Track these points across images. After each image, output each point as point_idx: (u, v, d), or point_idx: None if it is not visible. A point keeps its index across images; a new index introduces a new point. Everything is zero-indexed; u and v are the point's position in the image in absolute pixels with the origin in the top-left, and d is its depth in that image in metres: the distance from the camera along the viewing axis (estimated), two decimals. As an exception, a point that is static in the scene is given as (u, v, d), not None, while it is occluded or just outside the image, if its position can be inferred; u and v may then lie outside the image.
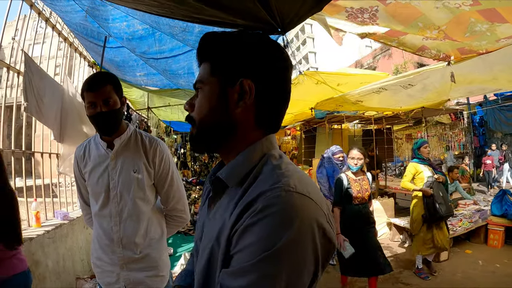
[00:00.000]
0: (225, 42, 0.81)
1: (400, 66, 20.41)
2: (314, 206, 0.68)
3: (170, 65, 4.27)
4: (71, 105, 3.77)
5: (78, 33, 3.61)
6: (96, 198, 1.82)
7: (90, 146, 1.88)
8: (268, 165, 0.76)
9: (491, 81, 4.21)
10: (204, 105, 0.81)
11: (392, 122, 10.36)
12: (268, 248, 0.60)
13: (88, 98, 1.70)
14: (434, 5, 2.49)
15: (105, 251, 1.81)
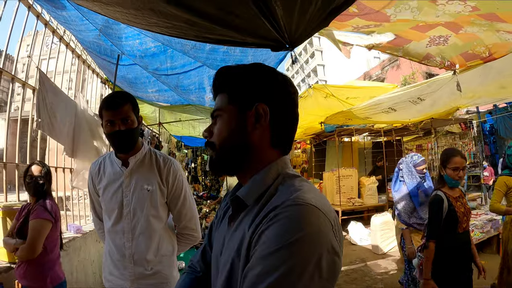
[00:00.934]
0: (239, 73, 0.90)
1: (408, 77, 20.35)
2: (323, 217, 0.72)
3: (181, 81, 4.35)
4: (83, 120, 3.86)
5: (91, 51, 3.72)
6: (110, 214, 1.84)
7: (105, 163, 1.91)
8: (284, 184, 0.82)
9: (498, 91, 4.19)
10: (224, 129, 0.88)
11: (401, 134, 10.29)
12: (279, 243, 0.66)
13: (107, 116, 1.73)
14: (435, 15, 2.55)
15: (117, 266, 1.82)
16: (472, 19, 2.66)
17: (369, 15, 2.52)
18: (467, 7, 2.39)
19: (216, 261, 0.92)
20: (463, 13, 2.53)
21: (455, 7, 2.43)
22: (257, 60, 3.63)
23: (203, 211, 6.88)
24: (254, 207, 0.81)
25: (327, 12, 1.73)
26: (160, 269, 1.86)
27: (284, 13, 1.75)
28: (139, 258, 1.81)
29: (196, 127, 8.50)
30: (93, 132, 4.09)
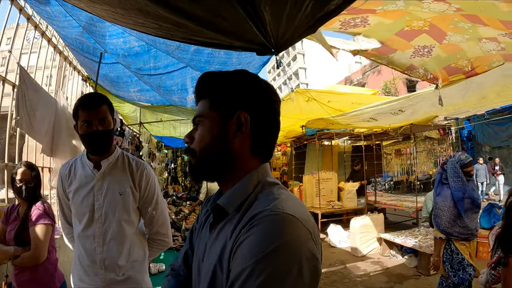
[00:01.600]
0: (222, 80, 0.91)
1: (389, 82, 20.82)
2: (301, 225, 0.73)
3: (164, 81, 4.32)
4: (63, 118, 3.77)
5: (74, 48, 3.64)
6: (80, 218, 1.80)
7: (76, 165, 1.87)
8: (263, 192, 0.84)
9: (479, 102, 4.35)
10: (206, 136, 0.89)
11: (381, 139, 10.52)
12: (257, 254, 0.67)
13: (84, 116, 1.71)
14: (420, 9, 2.64)
15: (87, 272, 1.78)
16: (456, 19, 2.74)
17: (356, 11, 2.58)
18: (452, 7, 2.49)
19: (197, 266, 0.94)
20: (447, 12, 2.63)
21: (440, 6, 2.52)
22: (242, 62, 3.65)
23: (183, 213, 6.83)
24: (235, 215, 0.83)
25: (315, 18, 1.76)
26: (131, 275, 1.84)
27: (272, 18, 1.78)
28: (111, 263, 1.78)
29: (177, 128, 8.43)
30: (71, 131, 4.00)
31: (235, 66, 3.71)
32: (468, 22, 2.78)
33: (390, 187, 15.41)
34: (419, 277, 4.99)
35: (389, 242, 6.28)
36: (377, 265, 5.74)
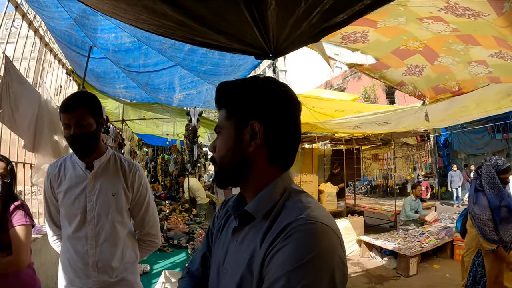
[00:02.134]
0: (237, 89, 0.92)
1: (369, 88, 21.22)
2: (333, 233, 0.77)
3: (152, 79, 4.27)
4: (46, 112, 3.64)
5: (61, 41, 3.54)
6: (70, 220, 1.75)
7: (66, 165, 1.82)
8: (290, 199, 0.86)
9: (461, 112, 4.53)
10: (223, 146, 0.91)
11: (361, 143, 10.74)
12: (296, 262, 0.70)
13: (63, 119, 1.68)
14: (418, 27, 2.74)
15: (79, 275, 1.74)
16: (451, 41, 2.85)
17: (359, 22, 2.64)
18: (449, 27, 2.59)
19: (217, 268, 0.94)
20: (444, 33, 2.73)
21: (437, 27, 2.62)
22: (234, 64, 3.65)
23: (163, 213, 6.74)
24: (263, 222, 0.84)
25: (320, 29, 1.78)
26: (125, 276, 1.82)
27: (276, 24, 1.78)
28: (104, 265, 1.75)
29: (160, 126, 8.32)
30: (54, 126, 3.87)
31: (227, 67, 3.70)
32: (461, 43, 2.90)
33: (367, 190, 15.77)
34: (398, 278, 5.14)
35: (368, 244, 6.41)
36: (357, 267, 5.86)
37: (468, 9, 2.08)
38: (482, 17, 2.13)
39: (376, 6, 1.54)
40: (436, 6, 2.20)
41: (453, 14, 2.27)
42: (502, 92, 3.74)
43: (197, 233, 5.17)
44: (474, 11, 2.10)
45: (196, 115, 5.76)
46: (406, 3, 2.23)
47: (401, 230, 6.57)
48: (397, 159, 10.64)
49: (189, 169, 6.43)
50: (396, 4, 2.27)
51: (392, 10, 2.39)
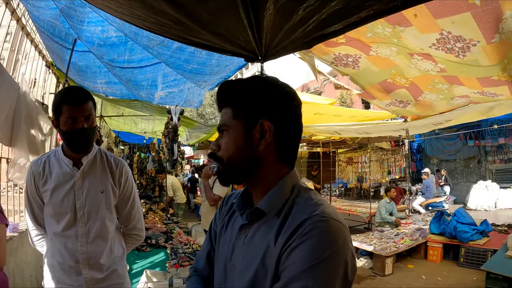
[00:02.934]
0: (245, 88, 0.93)
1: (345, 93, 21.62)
2: (345, 229, 0.82)
3: (135, 75, 4.21)
4: (23, 105, 3.52)
5: (43, 31, 3.43)
6: (59, 218, 1.71)
7: (51, 162, 1.76)
8: (300, 196, 0.88)
9: (442, 125, 4.79)
10: (231, 145, 0.91)
11: (338, 147, 10.95)
12: (314, 260, 0.73)
13: (69, 112, 1.62)
14: (408, 64, 2.86)
15: (68, 273, 1.71)
16: (436, 80, 3.01)
17: (354, 44, 2.70)
18: (437, 67, 2.71)
19: (223, 266, 0.95)
20: (431, 72, 2.86)
21: (426, 65, 2.74)
22: (220, 65, 3.66)
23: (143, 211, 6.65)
24: (275, 218, 0.86)
25: (313, 36, 1.82)
26: (115, 269, 1.82)
27: (271, 29, 1.81)
28: (95, 262, 1.74)
29: (138, 124, 8.19)
30: (32, 120, 3.75)
31: (213, 67, 3.71)
32: (446, 83, 3.08)
33: (341, 193, 16.07)
34: (374, 277, 5.30)
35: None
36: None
37: (460, 39, 2.17)
38: (472, 47, 2.22)
39: (371, 19, 1.60)
40: (429, 40, 2.29)
41: (443, 49, 2.35)
42: (482, 109, 3.97)
43: (176, 233, 5.13)
44: (465, 42, 2.19)
45: (177, 113, 5.71)
46: (401, 35, 2.30)
47: (376, 232, 6.75)
48: (371, 163, 10.93)
49: (168, 168, 6.36)
50: (390, 35, 2.35)
51: (386, 40, 2.47)
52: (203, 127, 8.56)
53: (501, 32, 2.04)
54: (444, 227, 6.00)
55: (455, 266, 5.61)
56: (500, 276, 3.91)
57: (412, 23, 2.12)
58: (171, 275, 3.07)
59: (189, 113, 22.02)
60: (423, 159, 15.04)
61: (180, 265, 3.65)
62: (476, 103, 3.60)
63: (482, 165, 13.13)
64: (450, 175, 12.71)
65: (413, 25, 2.14)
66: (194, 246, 4.69)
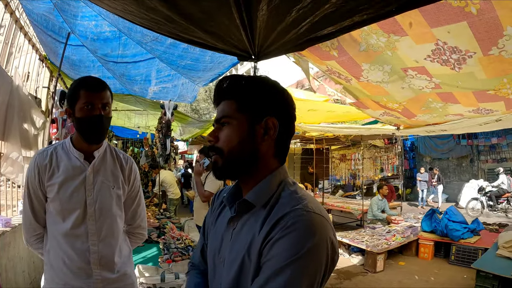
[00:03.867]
0: (251, 84, 0.95)
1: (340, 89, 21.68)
2: (326, 223, 0.84)
3: (129, 70, 4.20)
4: (16, 99, 3.50)
5: (37, 25, 3.40)
6: (66, 215, 1.60)
7: (58, 155, 1.64)
8: (286, 190, 0.91)
9: (435, 133, 4.89)
10: (234, 137, 0.92)
11: (331, 143, 10.98)
12: (295, 254, 0.76)
13: (88, 97, 1.56)
14: (400, 86, 2.86)
15: (78, 275, 1.60)
16: (431, 99, 3.01)
17: (345, 63, 2.68)
18: (431, 83, 2.69)
19: (212, 258, 0.98)
20: (425, 90, 2.85)
21: (420, 82, 2.71)
22: (214, 61, 3.67)
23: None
24: (261, 211, 0.89)
25: (306, 38, 1.83)
26: (126, 271, 1.75)
27: (264, 29, 1.82)
28: (107, 261, 1.66)
29: (132, 118, 8.15)
30: (24, 114, 3.73)
31: (206, 63, 3.71)
32: (440, 102, 3.07)
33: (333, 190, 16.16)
34: (366, 274, 5.35)
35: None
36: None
37: (456, 50, 2.15)
38: (468, 58, 2.20)
39: (365, 24, 1.61)
40: (424, 51, 2.26)
41: (439, 61, 2.33)
42: (474, 124, 4.03)
43: (168, 228, 5.14)
44: (461, 53, 2.17)
45: (170, 108, 5.69)
46: (396, 45, 2.27)
47: (368, 228, 6.81)
48: (365, 160, 10.99)
49: (161, 163, 6.35)
50: (384, 47, 2.32)
51: (380, 54, 2.44)
52: (197, 122, 8.55)
53: (501, 48, 2.02)
54: (436, 225, 6.07)
55: (446, 264, 5.69)
56: (490, 275, 3.96)
57: (407, 32, 2.10)
58: (163, 270, 3.09)
59: (183, 108, 21.96)
60: (416, 157, 15.20)
61: (172, 260, 3.66)
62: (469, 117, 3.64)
63: (474, 164, 13.29)
64: (443, 173, 12.85)
65: (408, 35, 2.13)
66: (187, 241, 4.71)
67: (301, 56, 2.84)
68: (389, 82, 2.81)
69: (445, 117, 3.55)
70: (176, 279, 2.95)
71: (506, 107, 3.01)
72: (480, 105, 3.06)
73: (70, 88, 1.63)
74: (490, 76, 2.42)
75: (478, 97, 2.86)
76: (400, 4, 1.36)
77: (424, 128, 4.21)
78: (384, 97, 3.12)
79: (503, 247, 4.41)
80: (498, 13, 1.78)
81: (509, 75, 2.35)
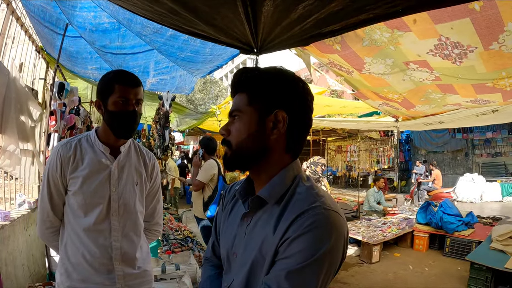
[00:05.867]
0: (263, 77, 0.92)
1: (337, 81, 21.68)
2: (344, 221, 0.84)
3: (127, 62, 4.17)
4: (13, 91, 3.46)
5: (34, 16, 3.35)
6: (90, 210, 1.57)
7: (83, 147, 1.61)
8: (301, 186, 0.89)
9: (433, 126, 4.93)
10: (243, 131, 0.91)
11: (328, 135, 11.04)
12: (313, 254, 0.76)
13: (123, 92, 1.53)
14: (402, 78, 2.89)
15: (99, 271, 1.58)
16: (430, 90, 3.05)
17: (348, 57, 2.70)
18: (432, 75, 2.72)
19: (226, 254, 0.97)
20: (425, 82, 2.88)
21: (421, 74, 2.75)
22: (213, 53, 3.65)
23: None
24: (274, 207, 0.87)
25: (310, 34, 1.82)
26: (146, 267, 1.74)
27: (268, 24, 1.81)
28: (129, 258, 1.65)
29: (130, 109, 8.08)
30: (21, 106, 3.69)
31: (206, 56, 3.70)
32: (439, 93, 3.11)
33: (329, 181, 16.29)
34: (362, 265, 5.42)
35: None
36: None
37: (458, 45, 2.17)
38: (469, 53, 2.23)
39: (370, 23, 1.61)
40: (427, 46, 2.29)
41: (440, 56, 2.36)
42: (471, 114, 4.07)
43: (166, 219, 5.16)
44: (463, 48, 2.20)
45: (168, 99, 5.66)
46: (399, 40, 2.29)
47: (364, 220, 6.87)
48: (360, 152, 11.07)
49: (159, 154, 6.34)
50: (388, 42, 2.34)
51: (383, 48, 2.46)
52: (194, 113, 8.52)
53: (502, 44, 2.05)
54: (431, 217, 6.14)
55: (440, 256, 5.76)
56: (484, 267, 4.02)
57: (411, 28, 2.12)
58: (164, 262, 3.11)
59: (178, 99, 21.86)
60: (411, 150, 15.34)
61: (172, 251, 3.69)
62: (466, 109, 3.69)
63: (469, 158, 13.45)
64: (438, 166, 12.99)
65: (412, 31, 2.14)
66: (185, 232, 4.74)
67: (303, 50, 2.84)
68: (391, 74, 2.84)
69: (443, 107, 3.59)
70: (176, 270, 2.98)
71: (503, 98, 3.06)
72: (478, 96, 3.11)
73: (103, 80, 1.59)
74: (490, 70, 2.46)
75: (477, 89, 2.91)
76: (407, 6, 1.36)
77: (422, 120, 4.25)
78: (384, 88, 3.15)
79: (497, 240, 4.47)
80: (500, 10, 1.81)
81: (508, 68, 2.40)
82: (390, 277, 4.88)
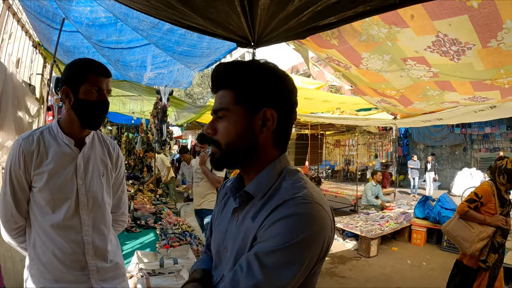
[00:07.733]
0: (249, 73, 0.90)
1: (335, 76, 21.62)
2: (327, 215, 0.83)
3: (124, 56, 4.15)
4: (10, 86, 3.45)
5: (30, 11, 3.33)
6: (58, 206, 1.51)
7: (46, 140, 1.53)
8: (287, 179, 0.89)
9: (431, 122, 4.95)
10: (231, 130, 0.90)
11: (326, 129, 11.03)
12: (290, 240, 0.76)
13: (97, 82, 1.50)
14: (399, 74, 2.88)
15: (72, 268, 1.53)
16: (428, 87, 3.04)
17: (345, 52, 2.69)
18: (430, 72, 2.71)
19: (216, 248, 0.98)
20: (423, 79, 2.87)
21: (418, 72, 2.74)
22: (211, 47, 3.63)
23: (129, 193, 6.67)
24: (260, 201, 0.88)
25: (307, 27, 1.82)
26: (117, 260, 1.71)
27: (265, 17, 1.81)
28: (101, 251, 1.61)
29: (126, 104, 8.08)
30: (18, 101, 3.68)
31: (203, 50, 3.68)
32: (437, 90, 3.10)
33: (327, 175, 16.34)
34: (360, 259, 5.47)
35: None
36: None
37: (456, 42, 2.17)
38: (467, 50, 2.22)
39: (368, 15, 1.60)
40: (425, 42, 2.28)
41: (438, 52, 2.34)
42: (469, 110, 4.08)
43: (165, 213, 5.17)
44: (460, 45, 2.19)
45: (166, 94, 5.67)
46: (396, 36, 2.28)
47: (362, 214, 6.91)
48: (359, 146, 11.09)
49: (156, 149, 6.36)
50: (385, 37, 2.33)
51: (380, 44, 2.45)
52: (192, 107, 8.51)
53: (500, 41, 2.05)
54: (428, 211, 6.18)
55: (438, 250, 5.81)
56: (480, 261, 4.07)
57: (409, 24, 2.11)
58: (162, 256, 3.12)
59: (177, 93, 21.76)
60: (410, 144, 15.38)
61: (170, 246, 3.70)
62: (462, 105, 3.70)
63: (467, 152, 13.47)
64: (436, 161, 13.03)
65: (410, 27, 2.14)
66: (184, 226, 4.74)
67: (301, 44, 2.84)
68: (388, 71, 2.83)
69: (441, 104, 3.59)
70: (175, 264, 2.99)
71: (502, 95, 3.05)
72: (476, 93, 3.10)
73: (72, 68, 1.53)
74: (488, 67, 2.45)
75: (475, 86, 2.90)
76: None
77: (420, 117, 4.26)
78: (382, 84, 3.15)
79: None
80: (498, 7, 1.80)
81: (506, 66, 2.39)
82: (387, 271, 4.93)
